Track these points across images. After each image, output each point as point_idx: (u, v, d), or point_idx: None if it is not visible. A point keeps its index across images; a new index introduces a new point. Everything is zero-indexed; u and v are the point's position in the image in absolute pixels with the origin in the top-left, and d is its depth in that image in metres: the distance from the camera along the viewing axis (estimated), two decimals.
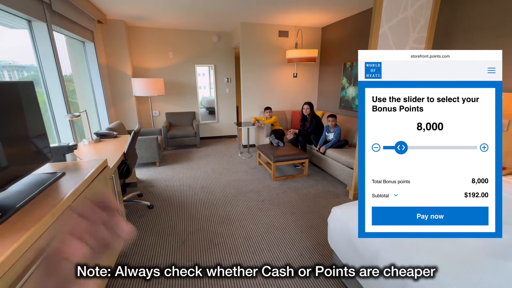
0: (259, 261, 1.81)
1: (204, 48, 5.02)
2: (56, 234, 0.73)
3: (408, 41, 2.41)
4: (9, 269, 0.75)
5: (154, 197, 2.80)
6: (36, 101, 1.32)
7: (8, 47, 2.30)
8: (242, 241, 2.03)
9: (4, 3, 1.85)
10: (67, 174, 1.40)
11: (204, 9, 3.54)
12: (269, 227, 2.21)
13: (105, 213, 0.34)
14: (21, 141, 1.18)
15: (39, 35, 2.38)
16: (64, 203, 1.09)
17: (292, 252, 1.89)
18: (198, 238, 2.08)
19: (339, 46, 4.21)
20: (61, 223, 1.00)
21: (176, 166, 3.83)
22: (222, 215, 2.43)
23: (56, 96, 2.56)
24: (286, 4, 3.33)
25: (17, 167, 1.13)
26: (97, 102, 3.82)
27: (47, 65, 2.47)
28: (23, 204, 1.04)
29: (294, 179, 3.32)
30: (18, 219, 0.93)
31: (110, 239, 0.34)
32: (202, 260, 1.82)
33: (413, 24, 2.37)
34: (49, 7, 2.39)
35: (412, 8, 2.32)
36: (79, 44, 3.47)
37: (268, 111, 4.24)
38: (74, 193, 1.19)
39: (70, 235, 0.31)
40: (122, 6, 3.37)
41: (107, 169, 1.69)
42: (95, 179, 1.48)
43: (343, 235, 1.35)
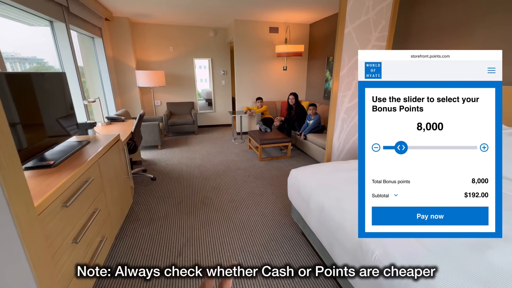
0: (239, 215, 2.30)
1: (202, 43, 5.44)
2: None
3: (371, 40, 2.83)
4: (66, 189, 1.24)
5: (156, 172, 3.30)
6: (68, 88, 1.79)
7: (26, 43, 2.71)
8: (227, 203, 2.52)
9: (32, 7, 2.29)
10: (91, 143, 1.89)
11: (200, 8, 3.95)
12: (250, 194, 2.70)
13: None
14: (60, 117, 1.66)
15: (59, 34, 2.83)
16: (90, 161, 1.57)
17: (267, 209, 2.38)
18: (192, 200, 2.57)
19: (324, 41, 4.61)
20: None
21: (175, 149, 4.31)
22: (213, 185, 2.92)
23: (73, 85, 3.03)
24: (276, 2, 3.73)
25: (58, 135, 1.61)
26: (105, 92, 4.29)
27: (65, 59, 2.93)
28: (65, 158, 1.52)
29: (279, 160, 3.79)
30: (63, 166, 1.41)
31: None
32: (194, 215, 2.31)
33: (375, 25, 2.78)
34: (67, 9, 2.83)
35: (373, 11, 2.73)
36: (89, 40, 3.91)
37: (259, 101, 4.68)
38: (97, 155, 1.66)
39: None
40: (126, 4, 3.79)
41: (120, 141, 2.18)
42: (111, 148, 1.96)
43: (294, 187, 1.83)
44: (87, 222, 1.42)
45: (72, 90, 3.07)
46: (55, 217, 1.12)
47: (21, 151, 1.21)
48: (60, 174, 1.28)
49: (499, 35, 1.99)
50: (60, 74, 1.73)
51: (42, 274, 0.91)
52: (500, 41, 1.98)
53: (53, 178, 1.23)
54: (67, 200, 1.23)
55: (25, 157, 1.26)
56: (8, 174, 0.76)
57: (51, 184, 1.17)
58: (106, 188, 1.77)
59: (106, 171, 1.81)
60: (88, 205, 1.47)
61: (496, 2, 2.00)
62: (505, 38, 1.95)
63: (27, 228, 0.84)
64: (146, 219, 2.26)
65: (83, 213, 1.40)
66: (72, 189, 1.30)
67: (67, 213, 1.22)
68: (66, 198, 1.24)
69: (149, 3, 3.71)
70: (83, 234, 1.34)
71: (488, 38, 2.06)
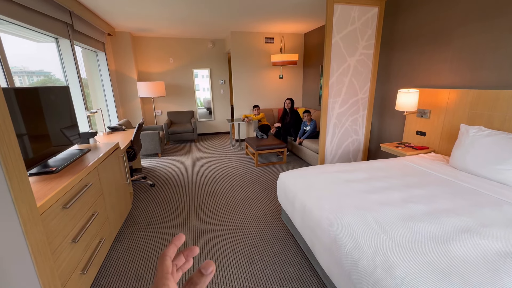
0: (233, 219, 2.39)
1: (200, 54, 5.64)
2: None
3: (358, 48, 2.96)
4: (66, 192, 1.36)
5: (155, 179, 3.41)
6: (71, 100, 1.94)
7: (34, 57, 2.89)
8: (222, 207, 2.62)
9: (39, 27, 2.47)
10: (91, 151, 2.01)
11: (197, 21, 4.15)
12: (245, 198, 2.79)
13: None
14: (63, 128, 1.80)
15: (64, 49, 3.02)
16: (90, 167, 1.69)
17: (260, 212, 2.47)
18: (188, 205, 2.67)
19: (318, 50, 4.77)
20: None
21: (175, 157, 4.44)
22: (209, 190, 3.02)
23: (77, 97, 3.20)
24: (270, 14, 3.90)
25: (61, 144, 1.74)
26: (107, 103, 4.47)
27: (69, 72, 3.11)
28: (66, 165, 1.65)
29: (275, 166, 3.89)
30: (65, 172, 1.53)
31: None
32: (190, 219, 2.41)
33: (361, 34, 2.92)
34: (71, 27, 3.02)
35: (359, 21, 2.87)
36: (92, 54, 4.11)
37: (256, 109, 4.81)
38: (96, 162, 1.79)
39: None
40: (128, 20, 4.01)
41: (119, 149, 2.31)
42: (110, 155, 2.09)
43: (282, 190, 1.93)
44: (86, 224, 1.54)
45: (76, 102, 3.26)
46: (56, 217, 1.24)
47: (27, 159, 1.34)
48: (61, 179, 1.40)
49: (473, 42, 2.10)
50: (63, 88, 1.88)
51: (43, 267, 1.02)
52: (475, 47, 2.09)
53: (55, 183, 1.35)
54: (67, 203, 1.34)
55: (31, 164, 1.39)
56: (15, 178, 0.88)
57: (53, 188, 1.29)
58: (105, 192, 1.89)
59: (105, 177, 1.93)
60: (87, 208, 1.59)
61: (468, 13, 2.12)
62: (479, 44, 2.06)
63: (30, 225, 0.96)
64: (144, 223, 2.36)
65: (82, 215, 1.51)
66: (72, 193, 1.42)
67: (67, 214, 1.34)
68: (66, 201, 1.36)
69: (149, 19, 3.91)
70: (82, 234, 1.45)
71: (464, 45, 2.17)
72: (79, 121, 3.29)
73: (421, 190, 1.60)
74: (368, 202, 1.45)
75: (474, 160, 1.84)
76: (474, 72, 2.13)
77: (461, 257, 1.02)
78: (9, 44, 2.42)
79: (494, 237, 1.12)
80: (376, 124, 3.34)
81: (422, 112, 2.58)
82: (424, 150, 2.49)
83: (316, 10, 3.71)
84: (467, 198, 1.49)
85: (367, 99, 3.17)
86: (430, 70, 2.54)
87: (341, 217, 1.32)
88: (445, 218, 1.28)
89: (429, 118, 2.54)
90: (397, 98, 2.62)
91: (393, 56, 2.98)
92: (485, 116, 2.02)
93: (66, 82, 3.10)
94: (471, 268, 0.95)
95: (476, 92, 2.07)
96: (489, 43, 1.99)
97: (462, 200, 1.47)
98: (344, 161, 3.34)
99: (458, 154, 1.97)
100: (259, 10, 3.64)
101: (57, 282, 1.13)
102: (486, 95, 1.99)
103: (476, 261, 0.99)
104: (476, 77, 2.11)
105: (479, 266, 0.96)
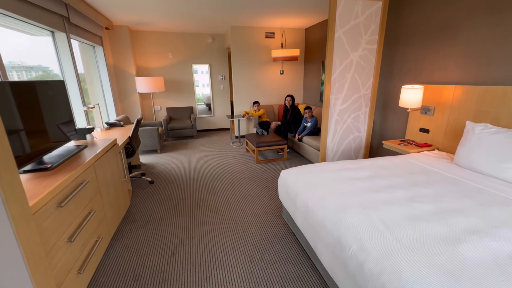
0: (233, 216, 2.35)
1: (200, 49, 5.55)
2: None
3: (361, 43, 2.89)
4: (61, 191, 1.31)
5: (154, 176, 3.37)
6: (67, 95, 1.88)
7: (32, 52, 2.83)
8: (222, 204, 2.58)
9: (35, 20, 2.40)
10: (88, 147, 1.97)
11: (197, 15, 4.07)
12: (245, 195, 2.76)
13: None
14: (59, 124, 1.74)
15: (60, 43, 2.95)
16: (87, 163, 1.64)
17: (260, 210, 2.43)
18: (187, 202, 2.63)
19: (319, 45, 4.69)
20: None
21: (174, 153, 4.39)
22: (209, 187, 2.98)
23: (73, 92, 3.13)
24: (271, 8, 3.82)
25: (56, 141, 1.69)
26: (106, 98, 4.40)
27: (66, 67, 3.04)
28: (62, 162, 1.60)
29: (275, 162, 3.85)
30: (60, 169, 1.49)
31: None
32: (189, 217, 2.37)
33: (365, 29, 2.85)
34: (67, 20, 2.95)
35: (363, 16, 2.80)
36: (90, 48, 4.03)
37: (256, 105, 4.75)
38: (92, 158, 1.74)
39: None
40: (126, 14, 3.92)
41: (116, 145, 2.26)
42: (108, 152, 2.04)
43: (284, 188, 1.88)
44: (83, 222, 1.49)
45: (73, 97, 3.19)
46: (50, 216, 1.19)
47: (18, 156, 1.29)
48: (56, 177, 1.36)
49: (480, 36, 2.05)
50: (59, 82, 1.82)
51: (36, 268, 0.98)
52: (481, 42, 2.04)
53: (49, 180, 1.30)
54: (62, 201, 1.30)
55: (24, 161, 1.34)
56: (4, 175, 0.83)
57: (47, 186, 1.24)
58: (102, 190, 1.85)
59: (102, 174, 1.88)
60: (83, 206, 1.54)
61: (476, 7, 2.05)
62: (486, 39, 2.01)
63: (22, 225, 0.92)
64: (143, 220, 2.33)
65: (78, 214, 1.47)
66: (68, 191, 1.37)
67: (62, 213, 1.29)
68: (61, 199, 1.31)
69: (147, 12, 3.83)
70: (78, 233, 1.41)
71: (470, 39, 2.12)
72: (77, 116, 3.24)
73: (427, 189, 1.56)
74: (373, 201, 1.41)
75: (480, 158, 1.80)
76: (480, 67, 2.08)
77: (471, 259, 0.98)
78: (2, 37, 2.35)
79: (504, 238, 1.08)
80: (378, 121, 3.30)
81: (426, 109, 2.53)
82: (428, 147, 2.45)
83: (318, 4, 3.63)
84: (474, 197, 1.45)
85: (369, 96, 3.11)
86: (435, 66, 2.48)
87: (345, 217, 1.28)
88: (452, 218, 1.24)
89: (433, 115, 2.49)
90: (400, 94, 2.56)
91: (397, 51, 2.91)
92: (491, 113, 1.97)
93: (62, 76, 3.04)
94: (482, 272, 0.91)
95: (482, 89, 2.02)
96: (497, 38, 1.94)
97: (469, 199, 1.43)
98: (346, 158, 3.30)
99: (464, 152, 1.92)
100: (260, 4, 3.56)
101: (52, 282, 1.09)
102: (493, 91, 1.94)
103: (488, 264, 0.95)
104: (483, 73, 2.06)
105: (491, 269, 0.92)
